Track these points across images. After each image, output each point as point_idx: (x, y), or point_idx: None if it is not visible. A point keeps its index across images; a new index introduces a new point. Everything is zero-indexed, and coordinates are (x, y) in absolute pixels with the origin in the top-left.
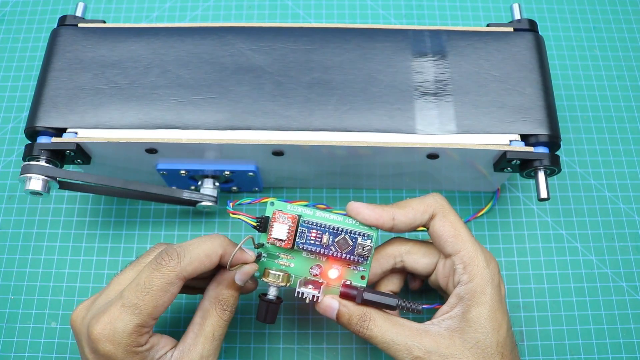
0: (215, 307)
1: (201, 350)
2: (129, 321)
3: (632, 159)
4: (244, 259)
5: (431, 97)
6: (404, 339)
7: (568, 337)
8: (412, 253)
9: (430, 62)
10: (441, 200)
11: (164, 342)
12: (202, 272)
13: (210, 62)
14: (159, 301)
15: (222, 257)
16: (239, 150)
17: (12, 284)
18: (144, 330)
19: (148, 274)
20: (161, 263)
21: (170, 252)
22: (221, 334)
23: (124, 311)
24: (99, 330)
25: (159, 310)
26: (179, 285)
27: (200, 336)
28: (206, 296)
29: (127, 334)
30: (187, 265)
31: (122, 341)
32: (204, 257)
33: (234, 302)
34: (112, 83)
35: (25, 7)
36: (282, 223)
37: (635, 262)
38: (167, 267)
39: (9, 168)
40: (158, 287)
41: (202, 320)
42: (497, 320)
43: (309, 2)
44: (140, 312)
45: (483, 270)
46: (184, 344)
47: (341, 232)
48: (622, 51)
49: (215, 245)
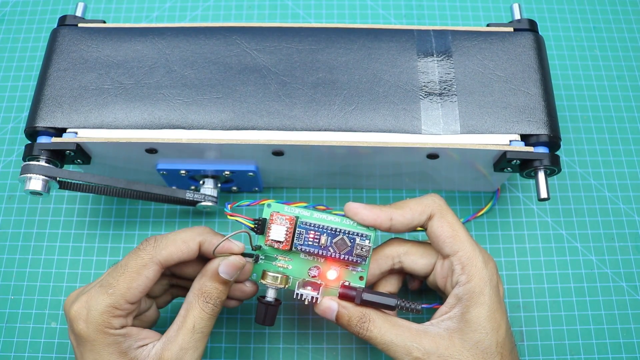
0: (198, 299)
1: (181, 342)
2: (102, 301)
3: (632, 159)
4: (229, 248)
5: (436, 97)
6: (404, 339)
7: (568, 337)
8: (410, 254)
9: (435, 62)
10: (439, 201)
11: (146, 334)
12: (181, 258)
13: (215, 62)
14: (133, 283)
15: (202, 245)
16: (239, 150)
17: (12, 284)
18: (117, 312)
19: (126, 258)
20: (140, 248)
21: (149, 239)
22: (202, 327)
23: (99, 291)
24: (75, 309)
25: (132, 293)
26: (154, 270)
27: (182, 329)
28: (191, 288)
29: (99, 312)
30: (162, 249)
31: (93, 320)
32: (180, 242)
33: (218, 295)
34: (115, 83)
35: (25, 7)
36: (279, 225)
37: (635, 262)
38: (143, 251)
39: (9, 168)
40: (132, 268)
41: (185, 313)
42: (496, 321)
43: (309, 2)
44: (113, 292)
45: (481, 270)
46: (166, 337)
47: (339, 233)
48: (622, 51)
49: (193, 233)
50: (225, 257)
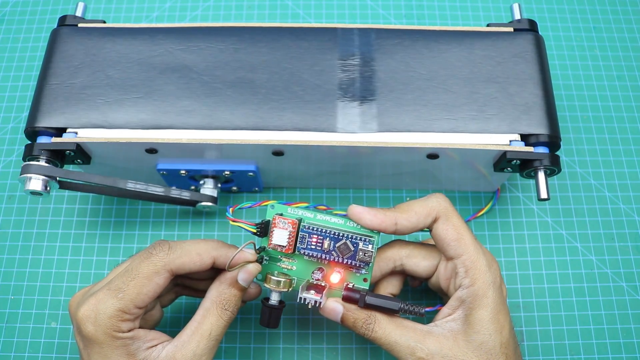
0: (217, 306)
1: (195, 347)
2: (111, 304)
3: (632, 159)
4: (246, 258)
5: (356, 97)
6: (408, 340)
7: (568, 337)
8: (413, 256)
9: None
10: (444, 203)
11: (153, 336)
12: (192, 270)
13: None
14: (143, 289)
15: (216, 259)
16: (239, 151)
17: (12, 284)
18: (125, 317)
19: (138, 262)
20: (152, 252)
21: (162, 244)
22: (218, 334)
23: (109, 294)
24: (83, 311)
25: (142, 299)
26: (165, 277)
27: (197, 334)
28: (208, 295)
29: (107, 316)
30: (176, 258)
31: (102, 323)
32: (194, 254)
33: (236, 303)
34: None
35: (25, 7)
36: (282, 228)
37: (635, 262)
38: (156, 257)
39: (9, 168)
40: (144, 274)
41: (202, 319)
42: (500, 322)
43: (309, 2)
44: (123, 296)
45: (485, 273)
46: (179, 340)
47: (342, 237)
48: (622, 51)
49: (208, 247)
50: (244, 265)
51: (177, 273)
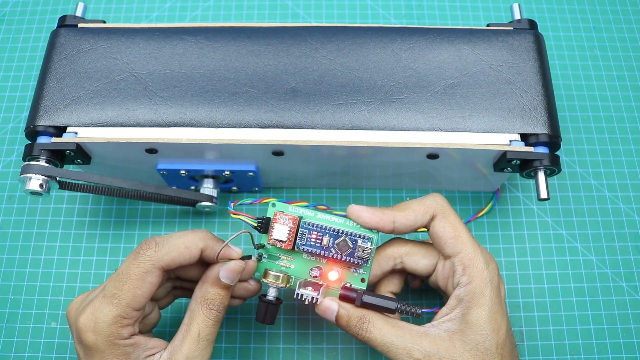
0: (201, 306)
1: (187, 351)
2: (108, 312)
3: (632, 159)
4: (228, 254)
5: None
6: (404, 341)
7: (568, 337)
8: (412, 254)
9: None
10: (441, 201)
11: (154, 344)
12: (182, 263)
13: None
14: (137, 291)
15: (203, 251)
16: (239, 151)
17: (12, 284)
18: (124, 322)
19: (127, 264)
20: (139, 252)
21: (149, 242)
22: (207, 334)
23: (104, 302)
24: (82, 320)
25: (138, 301)
26: (157, 275)
27: (187, 337)
28: (193, 296)
29: (107, 324)
30: (165, 254)
31: (102, 331)
32: (182, 248)
33: (221, 301)
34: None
35: (25, 7)
36: (282, 224)
37: (635, 262)
38: (144, 257)
39: (9, 168)
40: (135, 276)
41: (189, 321)
42: (497, 322)
43: (309, 2)
44: (119, 302)
45: (482, 272)
46: (172, 346)
47: (341, 234)
48: (622, 51)
49: (195, 238)
50: (225, 263)
51: (168, 269)
